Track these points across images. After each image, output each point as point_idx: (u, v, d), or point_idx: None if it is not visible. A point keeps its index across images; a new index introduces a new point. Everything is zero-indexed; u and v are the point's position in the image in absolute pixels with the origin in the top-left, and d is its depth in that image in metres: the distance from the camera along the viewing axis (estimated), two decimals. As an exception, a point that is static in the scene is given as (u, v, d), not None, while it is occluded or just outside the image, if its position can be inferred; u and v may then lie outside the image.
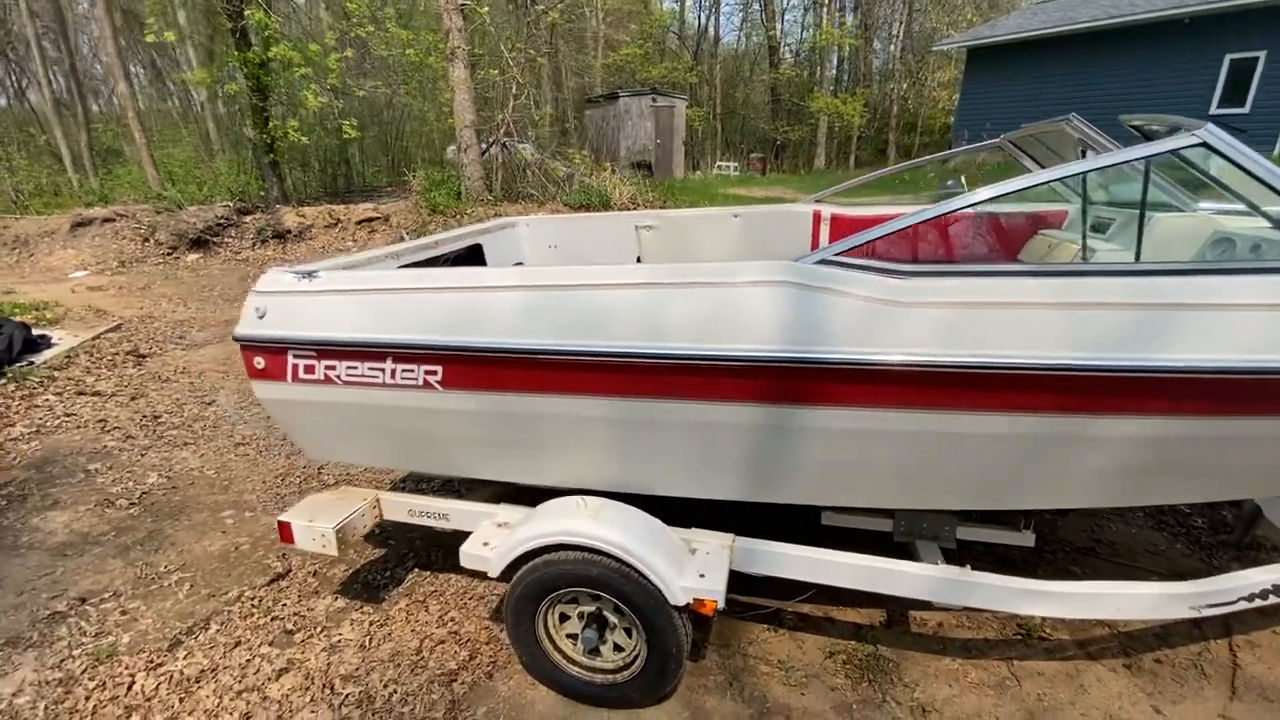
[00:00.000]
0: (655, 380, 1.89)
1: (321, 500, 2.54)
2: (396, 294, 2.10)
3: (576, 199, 7.98)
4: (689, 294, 1.86)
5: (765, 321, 1.78)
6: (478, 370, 2.03)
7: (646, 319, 1.87)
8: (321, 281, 2.20)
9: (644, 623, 2.01)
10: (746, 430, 1.91)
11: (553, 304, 1.96)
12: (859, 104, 19.19)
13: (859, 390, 1.76)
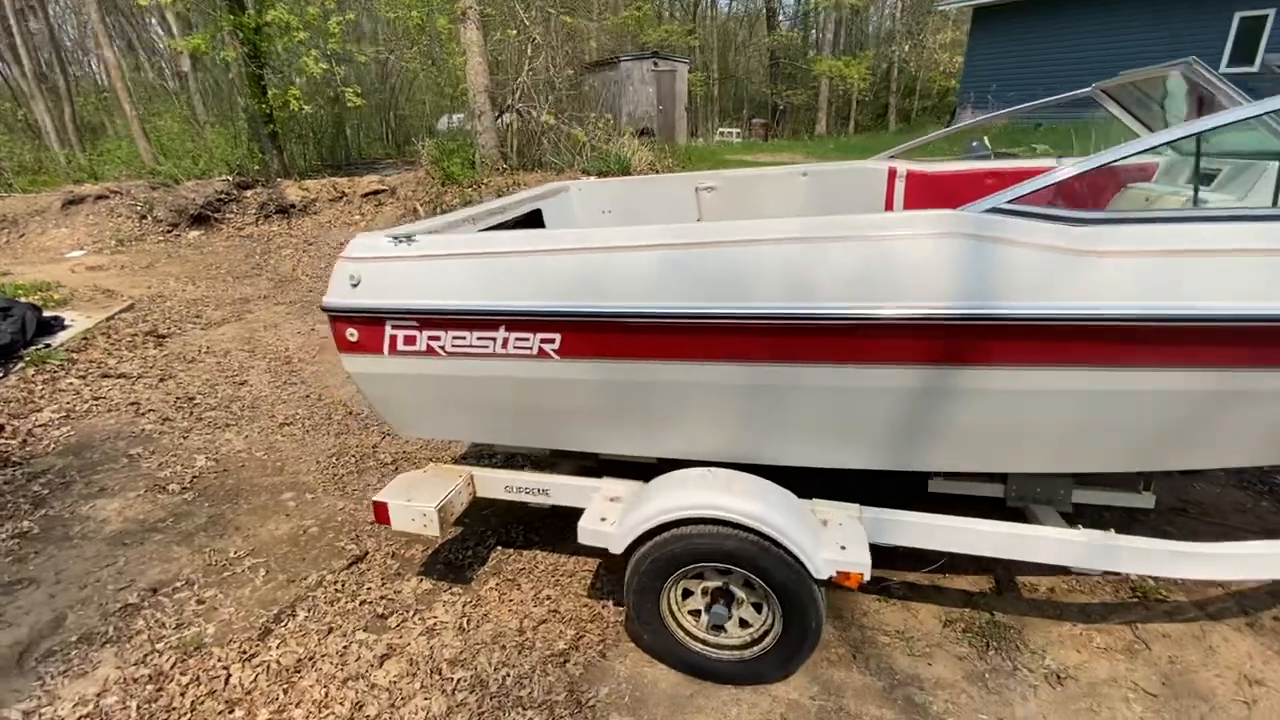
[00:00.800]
0: (802, 343, 1.77)
1: (414, 479, 2.41)
2: (510, 257, 1.95)
3: (595, 165, 7.73)
4: (845, 249, 1.72)
5: (931, 277, 1.66)
6: (601, 338, 1.90)
7: (796, 277, 1.74)
8: (421, 245, 2.04)
9: (782, 597, 1.92)
10: (899, 395, 1.80)
11: (689, 263, 1.82)
12: (862, 67, 18.83)
13: (1036, 347, 1.65)
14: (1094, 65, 14.65)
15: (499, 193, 7.20)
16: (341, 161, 12.14)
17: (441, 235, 2.08)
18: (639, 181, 3.90)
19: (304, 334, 5.71)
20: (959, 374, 1.72)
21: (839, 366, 1.78)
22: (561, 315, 1.89)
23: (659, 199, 3.78)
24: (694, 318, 1.79)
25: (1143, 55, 13.62)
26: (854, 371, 1.77)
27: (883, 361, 1.74)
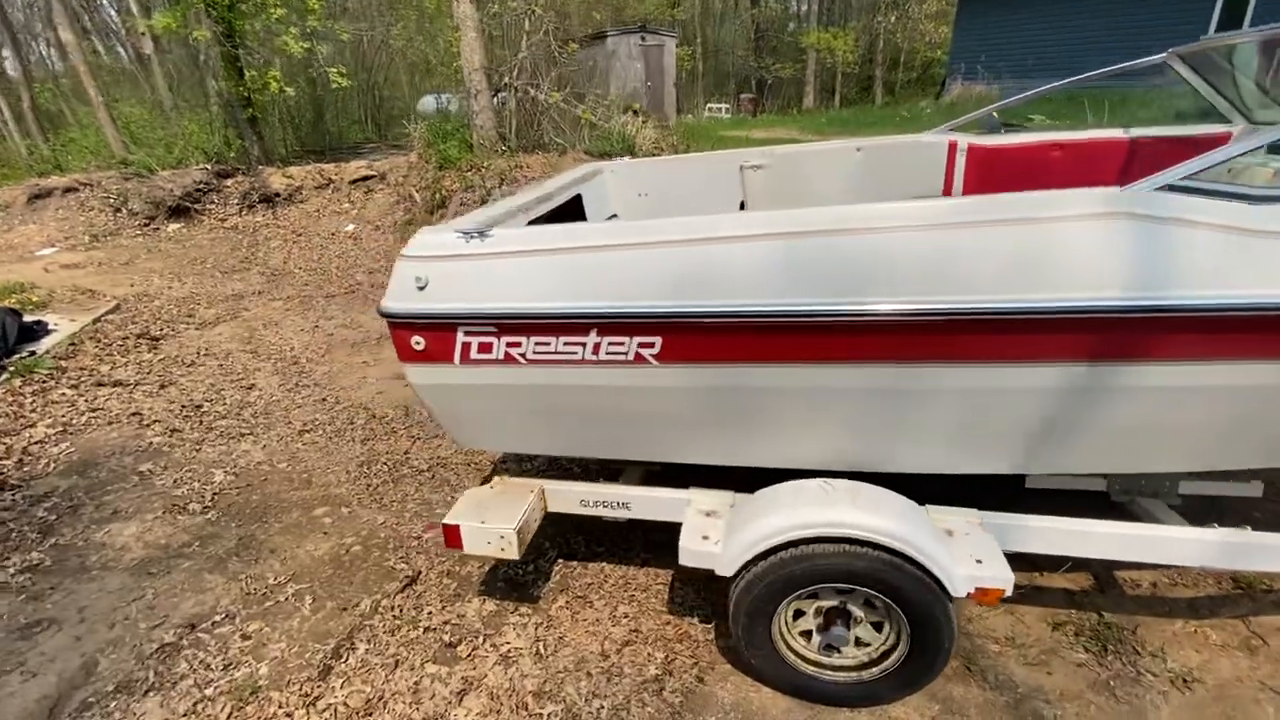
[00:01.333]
0: (942, 341, 1.59)
1: (481, 496, 2.21)
2: (602, 252, 1.73)
3: (597, 146, 7.43)
4: (994, 234, 1.54)
5: (1095, 263, 1.48)
6: (708, 340, 1.70)
7: (936, 267, 1.55)
8: (497, 241, 1.81)
9: (912, 617, 1.76)
10: (1046, 394, 1.63)
11: (812, 254, 1.62)
12: (849, 39, 18.52)
13: (1212, 340, 1.49)
14: (1083, 35, 14.54)
15: (501, 177, 6.89)
16: (324, 147, 11.62)
17: (519, 229, 1.85)
18: (676, 161, 3.65)
19: (307, 332, 5.41)
20: (1117, 370, 1.56)
21: (982, 366, 1.60)
22: (664, 317, 1.68)
23: (699, 179, 3.55)
24: (819, 316, 1.59)
25: (1130, 25, 13.53)
26: (998, 371, 1.60)
27: (1033, 359, 1.57)
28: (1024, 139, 3.17)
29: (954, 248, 1.54)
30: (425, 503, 3.09)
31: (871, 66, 21.10)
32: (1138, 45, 13.80)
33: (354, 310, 5.92)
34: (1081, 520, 1.89)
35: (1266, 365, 1.51)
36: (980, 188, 3.23)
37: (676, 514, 2.11)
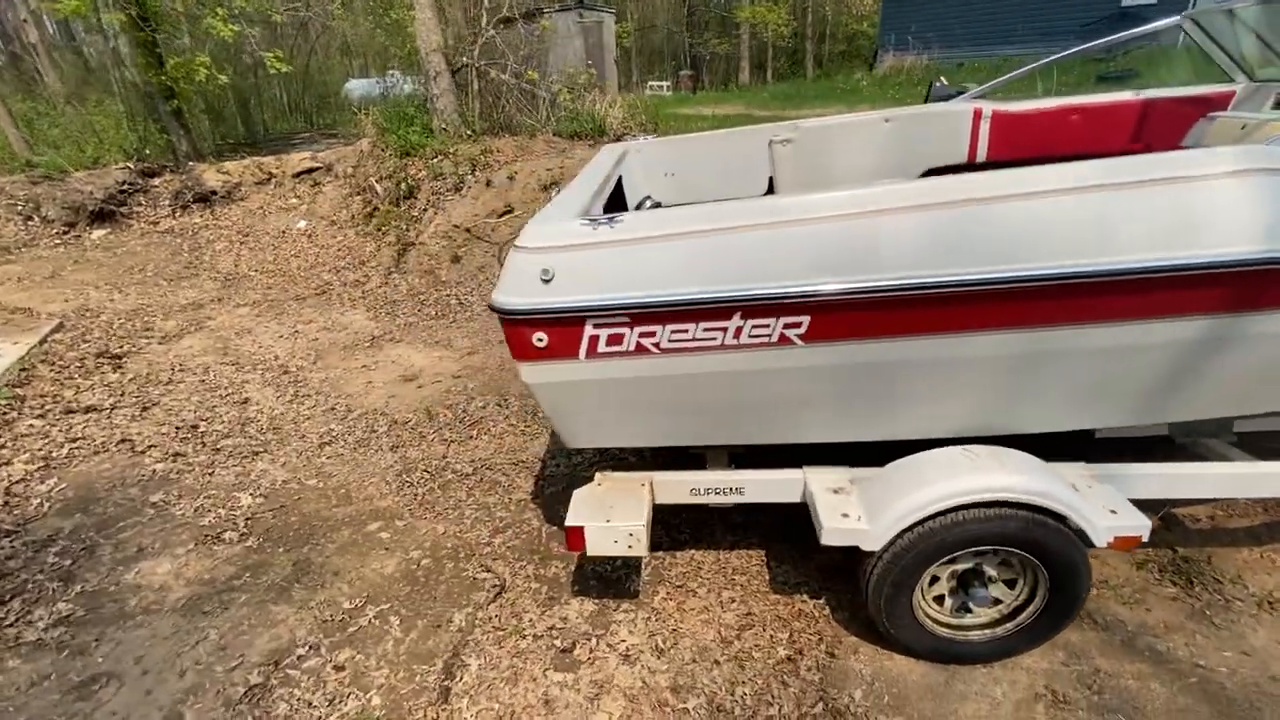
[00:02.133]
0: (1093, 303, 1.62)
1: (593, 494, 2.12)
2: (746, 233, 1.67)
3: (567, 127, 7.21)
4: (1144, 194, 1.57)
5: (1241, 218, 1.54)
6: (857, 317, 1.68)
7: (1089, 230, 1.58)
8: (628, 227, 1.71)
9: (1055, 571, 1.82)
10: (1180, 347, 1.70)
11: (964, 224, 1.61)
12: (782, 12, 18.71)
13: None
14: (1007, 4, 15.22)
15: (473, 163, 6.58)
16: (253, 139, 10.77)
17: (650, 213, 1.76)
18: (700, 140, 3.57)
19: (287, 338, 5.04)
20: (1256, 319, 1.64)
21: (1130, 324, 1.65)
22: (815, 295, 1.64)
23: (724, 157, 3.49)
24: (976, 285, 1.59)
25: (1053, -7, 14.23)
26: (1145, 327, 1.65)
27: (1179, 313, 1.63)
28: (1043, 105, 3.27)
29: (1103, 210, 1.57)
30: (482, 506, 2.96)
31: (801, 40, 21.44)
32: (1056, 15, 14.52)
33: (332, 311, 5.56)
34: (1180, 464, 2.01)
35: None
36: (1004, 153, 3.32)
37: (790, 494, 2.10)
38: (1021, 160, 3.36)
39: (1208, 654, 2.01)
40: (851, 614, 2.22)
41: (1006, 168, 3.43)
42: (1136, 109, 3.21)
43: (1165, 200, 1.57)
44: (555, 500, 2.96)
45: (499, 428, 3.60)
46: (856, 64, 23.10)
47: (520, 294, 1.74)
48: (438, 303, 5.48)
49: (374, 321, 5.26)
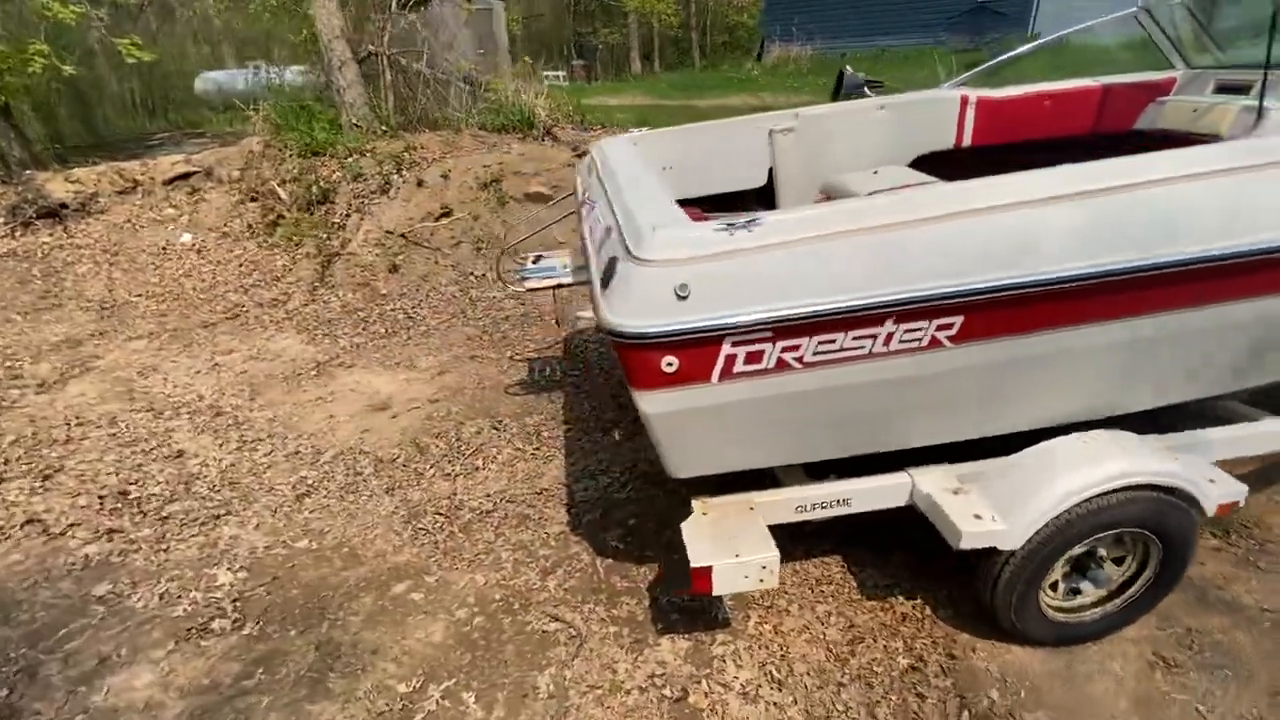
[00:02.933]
0: (1231, 283, 1.67)
1: (703, 527, 1.92)
2: (902, 230, 1.54)
3: (494, 120, 6.73)
4: (1265, 176, 1.62)
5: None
6: (1009, 314, 1.61)
7: (1232, 211, 1.61)
8: (767, 231, 1.53)
9: (1170, 544, 1.88)
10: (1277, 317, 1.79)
11: (1113, 211, 1.58)
12: (671, 2, 18.79)
13: None
14: (882, 2, 16.24)
15: (398, 161, 5.97)
16: (102, 141, 9.21)
17: (792, 214, 1.58)
18: (697, 130, 3.41)
19: (206, 372, 4.33)
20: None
21: (1247, 300, 1.71)
22: (973, 294, 1.55)
23: (724, 148, 3.37)
24: (1130, 273, 1.58)
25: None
26: (1260, 303, 1.73)
27: None
28: (1020, 91, 3.42)
29: (1242, 189, 1.61)
30: (518, 546, 2.66)
31: (688, 31, 21.74)
32: (926, 9, 15.63)
33: (255, 337, 4.84)
34: (1247, 425, 2.15)
35: None
36: (988, 138, 3.45)
37: (896, 499, 2.03)
38: (1003, 145, 3.54)
39: (1269, 597, 2.17)
40: (954, 610, 2.20)
41: (990, 152, 3.54)
42: (1097, 93, 3.44)
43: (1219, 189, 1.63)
44: (597, 529, 2.72)
45: (504, 454, 3.27)
46: (739, 54, 23.80)
47: (650, 314, 1.51)
48: (383, 319, 4.93)
49: (312, 345, 4.63)
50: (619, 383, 3.84)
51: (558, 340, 4.46)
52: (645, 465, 3.09)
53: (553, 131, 7.08)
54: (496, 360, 4.26)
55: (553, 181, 5.97)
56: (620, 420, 3.47)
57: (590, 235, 2.21)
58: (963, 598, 2.22)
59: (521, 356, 4.29)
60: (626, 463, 3.12)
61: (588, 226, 2.35)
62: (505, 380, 4.00)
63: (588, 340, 4.42)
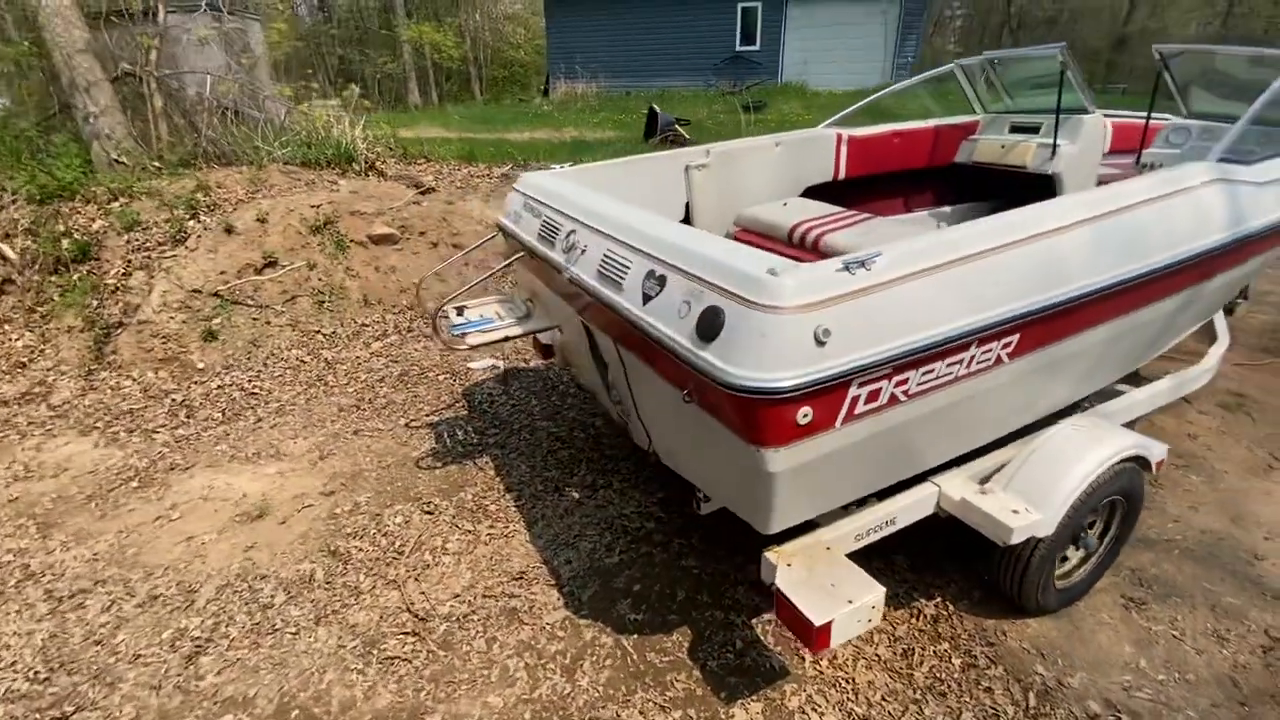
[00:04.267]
0: (1192, 274, 2.10)
1: (802, 579, 1.81)
2: (984, 258, 1.63)
3: (305, 154, 5.77)
4: (1187, 198, 2.05)
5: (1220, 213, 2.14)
6: (1049, 326, 1.80)
7: (1191, 221, 2.03)
8: (883, 267, 1.50)
9: (1131, 503, 2.26)
10: (1178, 308, 2.28)
11: (1112, 229, 1.87)
12: (451, 35, 18.20)
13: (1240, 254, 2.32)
14: (651, 46, 17.57)
15: (192, 204, 4.80)
16: None
17: (897, 249, 1.56)
18: (615, 166, 3.28)
19: None
20: (1201, 289, 2.30)
21: (1176, 294, 2.16)
22: (1030, 312, 1.70)
23: (642, 184, 3.32)
24: (1138, 279, 1.89)
25: (685, 37, 16.96)
26: (1179, 297, 2.19)
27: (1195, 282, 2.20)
28: (877, 130, 3.93)
29: (1178, 210, 2.01)
30: (525, 648, 2.27)
31: (466, 64, 21.31)
32: (695, 56, 17.27)
33: (10, 450, 3.52)
34: (1134, 391, 2.68)
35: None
36: (856, 170, 3.90)
37: (926, 510, 2.14)
38: (868, 175, 4.02)
39: (1165, 528, 2.71)
40: (971, 600, 2.38)
41: (861, 183, 4.00)
42: (930, 133, 4.09)
43: (1193, 199, 2.07)
44: (603, 604, 2.44)
45: (452, 542, 2.79)
46: (518, 89, 24.04)
47: (790, 364, 1.39)
48: (213, 401, 3.93)
49: (114, 447, 3.50)
50: (551, 436, 3.54)
51: (456, 398, 3.97)
52: (622, 520, 2.87)
53: (376, 166, 6.37)
54: (389, 431, 3.64)
55: (399, 221, 5.36)
56: (569, 477, 3.19)
57: (588, 278, 2.01)
58: (970, 586, 2.42)
59: (420, 422, 3.73)
60: (600, 522, 2.87)
61: (575, 270, 2.12)
62: (411, 453, 3.43)
63: (492, 393, 4.01)
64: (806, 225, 3.05)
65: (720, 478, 1.89)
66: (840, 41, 15.88)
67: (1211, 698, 2.00)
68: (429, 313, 4.65)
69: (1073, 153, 3.53)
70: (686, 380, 1.60)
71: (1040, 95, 3.94)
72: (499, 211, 3.04)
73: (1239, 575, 2.46)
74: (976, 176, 4.09)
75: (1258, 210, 2.29)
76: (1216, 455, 3.17)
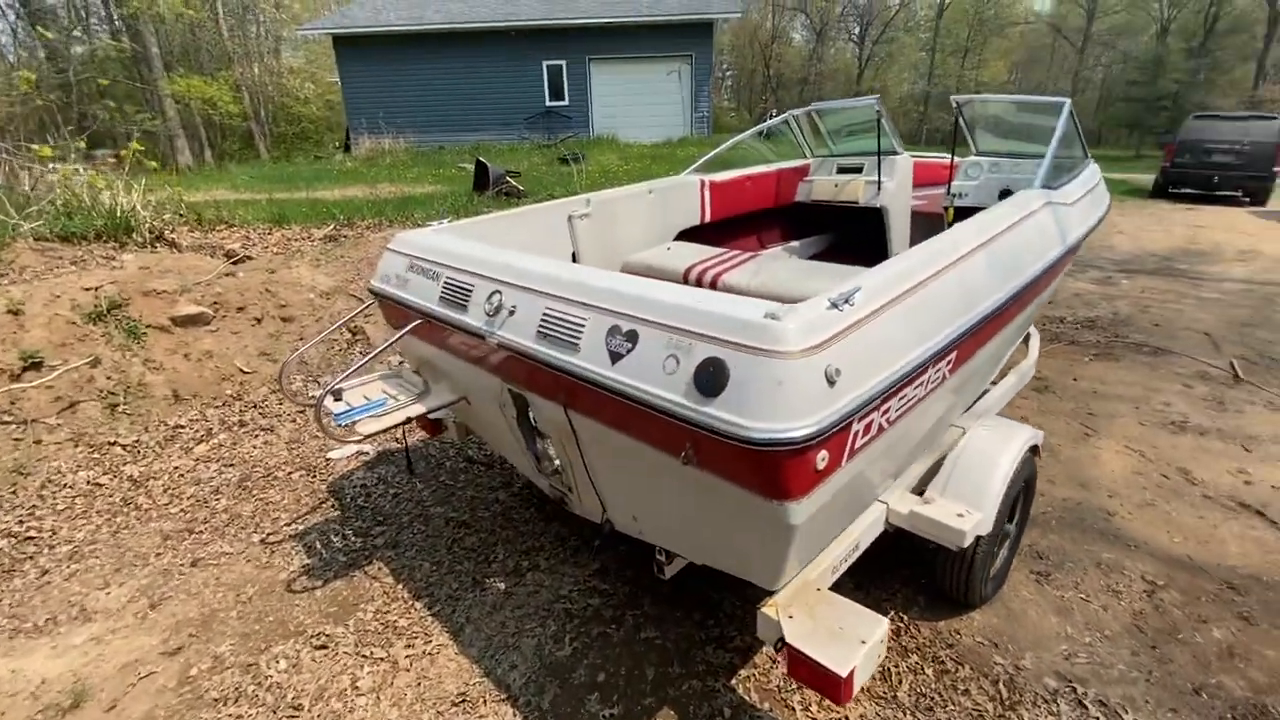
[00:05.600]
0: (1037, 289, 2.43)
1: (810, 628, 1.71)
2: (931, 284, 1.72)
3: (65, 225, 4.58)
4: (1021, 228, 2.38)
5: (1052, 231, 2.53)
6: (972, 340, 1.96)
7: (1025, 247, 2.32)
8: (867, 297, 1.52)
9: (1029, 488, 2.55)
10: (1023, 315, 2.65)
11: (998, 253, 2.10)
12: (226, 90, 16.17)
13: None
14: (460, 99, 17.35)
15: None
16: None
17: (868, 280, 1.57)
18: (501, 219, 3.01)
19: None
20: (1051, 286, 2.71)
21: (1041, 294, 2.50)
22: (963, 331, 1.84)
23: (528, 235, 3.15)
24: (1014, 295, 2.13)
25: (498, 89, 17.03)
26: (1043, 294, 2.54)
27: (1045, 288, 2.56)
28: (731, 175, 4.19)
29: (1015, 239, 2.33)
30: (487, 788, 1.90)
31: (248, 120, 19.15)
32: (507, 110, 17.37)
33: None
34: (997, 388, 3.06)
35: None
36: (718, 213, 4.10)
37: (879, 527, 2.21)
38: (728, 217, 4.24)
39: (1054, 489, 3.10)
40: (920, 607, 2.48)
41: (726, 224, 4.23)
42: (773, 176, 4.46)
43: (1025, 228, 2.42)
44: (568, 705, 2.16)
45: (363, 678, 2.29)
46: (310, 145, 22.26)
47: (811, 410, 1.32)
48: (-38, 559, 2.88)
49: None
50: (449, 522, 3.13)
51: (321, 497, 3.36)
52: (562, 603, 2.59)
53: (165, 236, 5.37)
54: (241, 554, 2.96)
55: (211, 297, 4.52)
56: (486, 566, 2.82)
57: (525, 341, 1.81)
58: (913, 593, 2.54)
59: (280, 535, 3.08)
60: (537, 611, 2.56)
61: (504, 334, 1.90)
62: (278, 576, 2.81)
63: (365, 484, 3.46)
64: (700, 267, 3.10)
65: (714, 539, 1.76)
66: (642, 98, 17.07)
67: (1130, 647, 2.28)
68: (298, 400, 3.96)
69: (893, 188, 4.04)
70: (681, 440, 1.47)
71: (857, 139, 4.51)
72: (337, 277, 2.67)
73: (1104, 532, 2.88)
74: (816, 212, 4.52)
75: (1073, 225, 2.79)
76: (1048, 432, 3.73)
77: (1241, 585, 2.56)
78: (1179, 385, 4.37)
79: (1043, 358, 4.75)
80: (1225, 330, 5.46)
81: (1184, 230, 9.78)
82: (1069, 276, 7.23)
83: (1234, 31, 29.91)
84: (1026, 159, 3.97)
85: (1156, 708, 2.06)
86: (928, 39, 39.29)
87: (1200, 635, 2.33)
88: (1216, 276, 7.23)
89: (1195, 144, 11.93)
